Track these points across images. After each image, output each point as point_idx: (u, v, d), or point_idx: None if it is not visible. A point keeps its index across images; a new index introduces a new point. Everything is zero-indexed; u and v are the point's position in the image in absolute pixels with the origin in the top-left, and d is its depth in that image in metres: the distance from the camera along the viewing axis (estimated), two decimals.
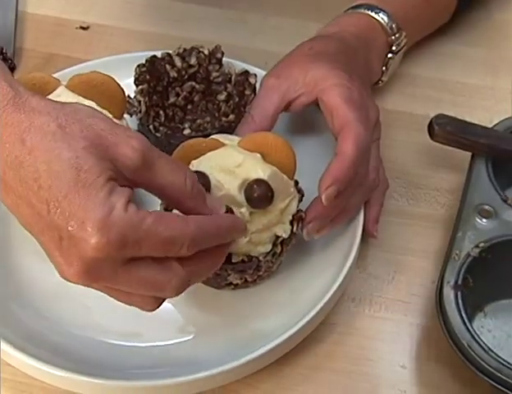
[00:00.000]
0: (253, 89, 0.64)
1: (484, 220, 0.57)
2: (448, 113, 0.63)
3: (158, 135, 0.61)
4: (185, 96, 0.66)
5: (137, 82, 0.63)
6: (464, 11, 0.76)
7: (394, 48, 0.67)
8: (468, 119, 0.63)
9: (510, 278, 0.56)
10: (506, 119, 0.63)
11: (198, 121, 0.66)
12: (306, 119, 0.66)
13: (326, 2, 0.81)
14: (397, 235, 0.62)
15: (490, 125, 0.64)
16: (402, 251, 0.61)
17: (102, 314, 0.55)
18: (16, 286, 0.57)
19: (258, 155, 0.53)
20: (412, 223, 0.63)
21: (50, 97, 0.54)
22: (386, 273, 0.60)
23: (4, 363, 0.53)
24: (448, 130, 0.61)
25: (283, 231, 0.53)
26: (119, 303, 0.54)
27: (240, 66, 0.66)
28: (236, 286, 0.56)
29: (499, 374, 0.49)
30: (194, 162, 0.53)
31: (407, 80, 0.74)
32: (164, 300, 0.46)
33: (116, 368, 0.52)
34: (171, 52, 0.66)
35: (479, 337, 0.51)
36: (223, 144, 0.54)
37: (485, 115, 0.69)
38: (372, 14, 0.66)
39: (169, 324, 0.55)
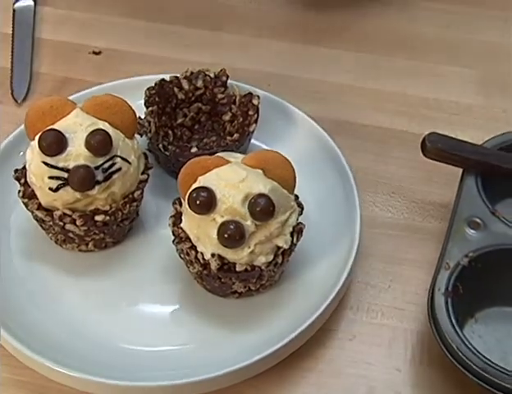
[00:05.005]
0: (257, 110, 0.66)
1: (473, 231, 0.59)
2: (442, 131, 0.65)
3: (167, 153, 0.64)
4: (192, 117, 0.69)
5: (147, 104, 0.65)
6: None
7: None
8: (461, 137, 0.65)
9: (499, 286, 0.58)
10: (495, 137, 0.65)
11: (205, 140, 0.68)
12: (306, 138, 0.69)
13: (326, 27, 0.84)
14: (393, 246, 0.65)
15: (481, 143, 0.65)
16: (397, 262, 0.64)
17: (117, 325, 0.58)
18: (39, 295, 0.60)
19: (260, 171, 0.55)
20: (407, 235, 0.66)
21: (67, 118, 0.58)
22: (383, 283, 0.62)
23: (24, 366, 0.55)
24: (439, 147, 0.63)
25: (284, 242, 0.56)
26: (132, 315, 0.58)
27: (243, 88, 0.69)
28: (240, 294, 0.59)
29: (486, 374, 0.51)
30: (200, 177, 0.55)
31: (403, 100, 0.77)
32: None
33: (127, 371, 0.55)
34: (178, 75, 0.68)
35: (468, 341, 0.53)
36: (228, 161, 0.56)
37: (477, 133, 0.71)
38: None
39: (177, 330, 0.58)
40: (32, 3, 0.84)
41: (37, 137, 0.57)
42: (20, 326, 0.57)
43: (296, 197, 0.59)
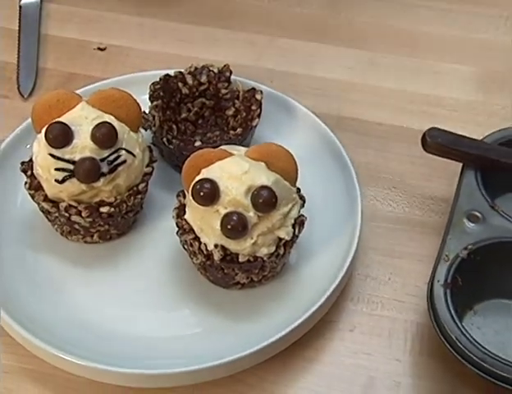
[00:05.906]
0: (260, 105, 0.67)
1: (472, 224, 0.59)
2: (442, 128, 0.65)
3: (171, 147, 0.64)
4: (196, 111, 0.69)
5: (151, 98, 0.66)
6: None
7: None
8: (461, 133, 0.66)
9: (498, 279, 0.59)
10: (495, 132, 0.66)
11: (208, 134, 0.69)
12: (308, 133, 0.70)
13: (328, 25, 0.85)
14: (394, 240, 0.66)
15: (481, 139, 0.66)
16: (398, 255, 0.65)
17: (121, 315, 0.59)
18: (44, 286, 0.61)
19: (263, 164, 0.56)
20: (407, 229, 0.66)
21: (73, 111, 0.58)
22: (383, 275, 0.63)
23: (30, 355, 0.56)
24: (440, 142, 0.64)
25: (286, 233, 0.57)
26: (136, 305, 0.59)
27: (247, 83, 0.69)
28: (243, 285, 0.59)
29: (484, 364, 0.52)
30: (203, 170, 0.56)
31: (403, 97, 0.77)
32: None
33: (132, 359, 0.56)
34: (183, 70, 0.69)
35: (467, 331, 0.54)
36: (231, 154, 0.57)
37: (477, 129, 0.71)
38: None
39: (180, 320, 0.59)
40: (38, 0, 0.85)
41: (43, 130, 0.58)
42: (27, 315, 0.58)
43: (298, 190, 0.59)
